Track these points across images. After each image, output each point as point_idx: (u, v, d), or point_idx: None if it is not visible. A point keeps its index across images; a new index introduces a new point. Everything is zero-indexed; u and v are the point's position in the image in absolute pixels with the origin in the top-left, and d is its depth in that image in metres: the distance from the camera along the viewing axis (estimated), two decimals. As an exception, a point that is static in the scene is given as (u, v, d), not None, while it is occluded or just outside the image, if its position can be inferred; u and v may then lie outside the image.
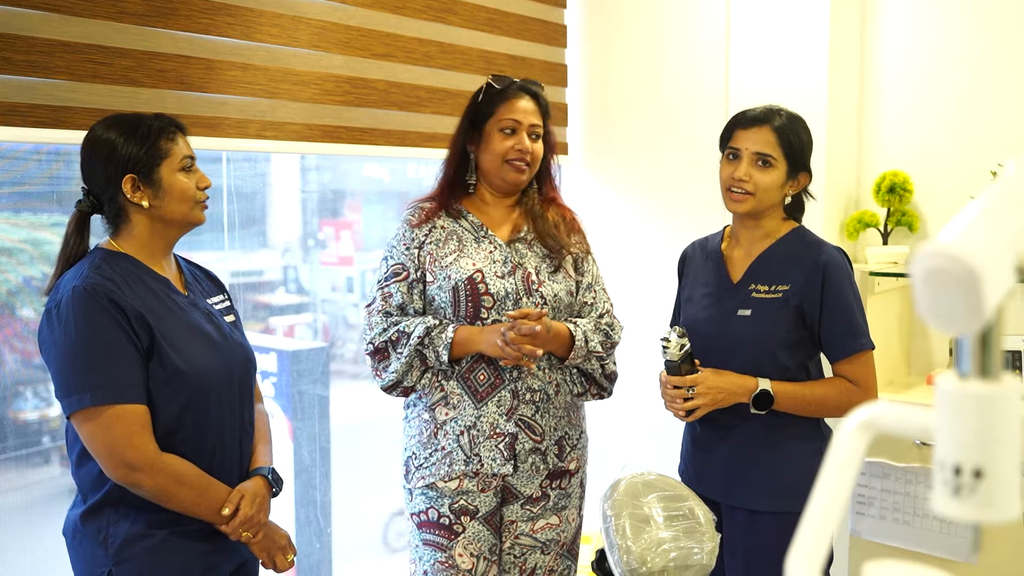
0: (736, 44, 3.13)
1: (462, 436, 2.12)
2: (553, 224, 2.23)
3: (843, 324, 2.06)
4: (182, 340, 1.72)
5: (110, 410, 1.60)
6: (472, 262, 2.14)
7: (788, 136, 2.09)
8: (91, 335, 1.61)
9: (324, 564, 3.42)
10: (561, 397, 2.19)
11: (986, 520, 0.61)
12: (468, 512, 2.14)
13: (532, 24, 3.38)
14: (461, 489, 2.13)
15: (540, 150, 2.21)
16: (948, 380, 0.62)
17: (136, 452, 1.61)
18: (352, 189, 4.19)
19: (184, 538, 1.73)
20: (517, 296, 2.13)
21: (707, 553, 1.74)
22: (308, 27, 2.60)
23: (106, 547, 1.67)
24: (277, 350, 3.39)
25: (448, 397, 2.14)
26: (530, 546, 2.20)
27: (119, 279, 1.67)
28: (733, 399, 2.10)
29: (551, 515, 2.21)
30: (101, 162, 1.70)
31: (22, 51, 2.01)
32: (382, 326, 2.13)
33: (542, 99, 2.23)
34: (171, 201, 1.74)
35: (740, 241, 2.22)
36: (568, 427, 2.22)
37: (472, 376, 2.13)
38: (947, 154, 2.98)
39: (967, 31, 2.93)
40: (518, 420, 2.12)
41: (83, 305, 1.61)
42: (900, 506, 2.70)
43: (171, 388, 1.69)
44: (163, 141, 1.72)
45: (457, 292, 2.12)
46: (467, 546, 2.14)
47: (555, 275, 2.19)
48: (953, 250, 0.56)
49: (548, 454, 2.17)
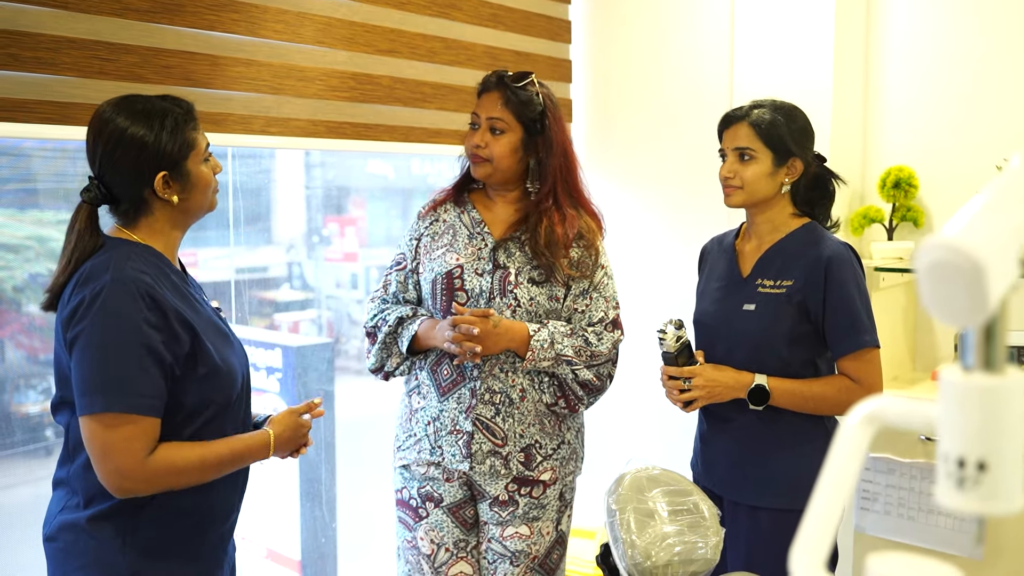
0: (741, 40, 3.13)
1: (429, 426, 2.17)
2: (544, 239, 2.11)
3: (846, 320, 2.06)
4: (213, 338, 1.69)
5: (123, 418, 1.54)
6: (456, 257, 2.16)
7: (765, 126, 2.09)
8: (124, 337, 1.54)
9: (329, 559, 3.43)
10: (529, 403, 2.14)
11: (990, 513, 0.61)
12: (432, 499, 2.18)
13: (537, 20, 3.37)
14: (428, 475, 2.18)
15: (501, 146, 2.12)
16: (952, 373, 0.62)
17: (127, 459, 1.54)
18: (356, 185, 4.20)
19: (201, 546, 1.72)
20: (490, 295, 2.12)
21: (711, 548, 1.74)
22: (312, 23, 2.60)
23: (124, 553, 1.61)
24: (282, 346, 3.39)
25: (420, 386, 2.20)
26: (500, 554, 2.18)
27: (152, 273, 1.61)
28: (730, 394, 2.10)
29: (520, 524, 2.16)
30: (132, 156, 1.61)
31: (29, 47, 2.01)
32: (374, 312, 2.23)
33: (513, 92, 2.12)
34: (197, 194, 1.69)
35: (751, 236, 2.23)
36: (540, 435, 2.15)
37: (438, 369, 2.16)
38: (952, 149, 2.97)
39: (972, 26, 2.93)
40: (476, 419, 2.12)
41: (122, 301, 1.54)
42: (905, 502, 2.70)
43: (209, 386, 1.66)
44: (188, 131, 1.66)
45: (435, 285, 2.16)
46: (428, 532, 2.18)
47: (539, 279, 2.14)
48: (957, 243, 0.57)
49: (511, 460, 2.13)
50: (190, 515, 1.69)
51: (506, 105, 2.12)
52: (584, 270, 2.16)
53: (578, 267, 2.16)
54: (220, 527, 1.77)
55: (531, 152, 2.16)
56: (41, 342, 2.61)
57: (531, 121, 2.13)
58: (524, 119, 2.13)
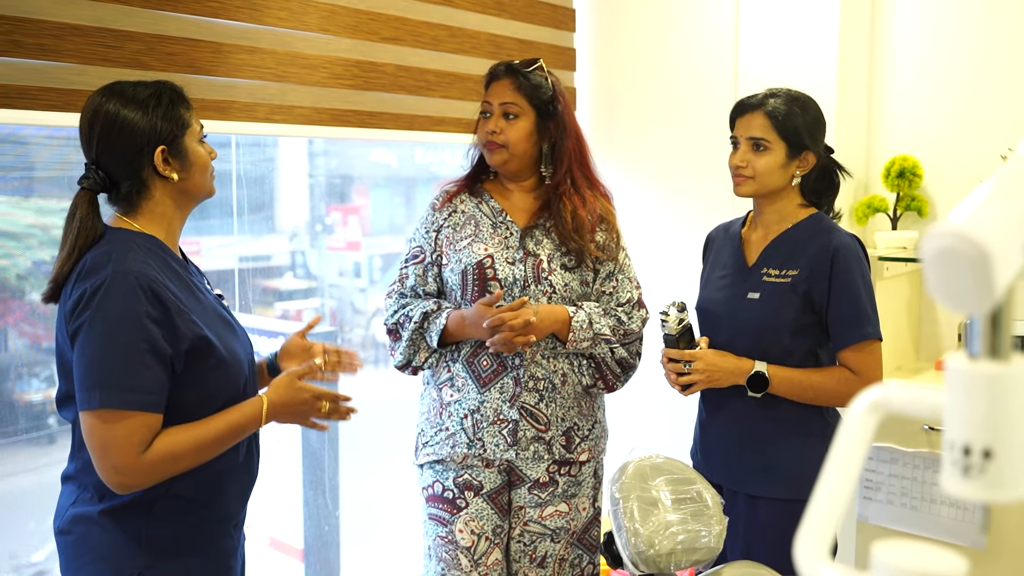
0: (746, 28, 3.12)
1: (466, 419, 2.14)
2: (572, 226, 2.15)
3: (849, 311, 2.05)
4: (218, 328, 1.68)
5: (122, 414, 1.53)
6: (484, 247, 2.15)
7: (781, 118, 2.08)
8: (125, 332, 1.53)
9: (332, 547, 3.44)
10: (569, 387, 2.17)
11: (996, 500, 0.61)
12: (472, 487, 2.15)
13: (541, 8, 3.36)
14: (466, 464, 2.16)
15: (516, 131, 2.14)
16: (958, 360, 0.62)
17: (124, 456, 1.53)
18: (359, 174, 4.19)
19: (215, 536, 1.71)
20: (525, 283, 2.13)
21: (715, 536, 1.75)
22: (317, 11, 2.60)
23: (140, 545, 1.60)
24: (286, 335, 3.39)
25: (454, 379, 2.16)
26: (539, 533, 2.19)
27: (154, 264, 1.60)
28: (730, 379, 2.10)
29: (560, 502, 2.19)
30: (127, 136, 1.60)
31: (32, 34, 2.01)
32: (394, 308, 2.20)
33: (525, 77, 2.15)
34: (196, 172, 1.68)
35: (758, 225, 2.22)
36: (578, 417, 2.19)
37: (476, 361, 2.14)
38: (957, 139, 2.97)
39: (977, 16, 2.92)
40: (520, 407, 2.12)
41: (124, 296, 1.53)
42: (908, 491, 2.70)
43: (217, 378, 1.65)
44: (182, 110, 1.66)
45: (466, 276, 2.13)
46: (468, 523, 2.15)
47: (571, 265, 2.17)
48: (964, 230, 0.56)
49: (554, 444, 2.16)
50: (203, 508, 1.68)
51: (518, 90, 2.14)
52: (610, 253, 2.21)
53: (604, 250, 2.20)
54: (233, 519, 1.76)
55: (544, 136, 2.18)
56: (44, 330, 2.61)
57: (544, 104, 2.16)
58: (536, 103, 2.15)
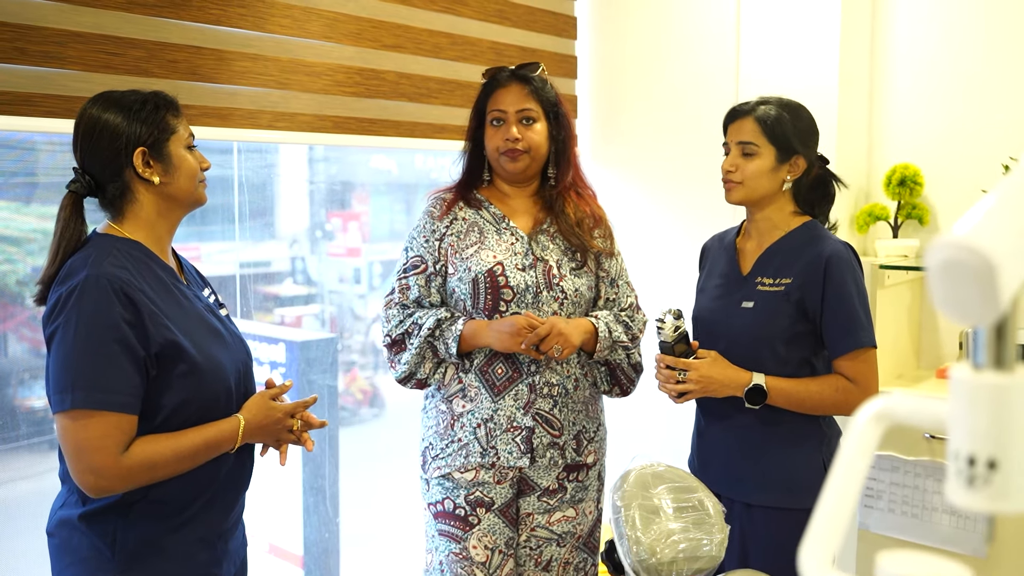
0: (747, 36, 3.12)
1: (479, 428, 2.12)
2: (575, 221, 2.19)
3: (844, 320, 2.05)
4: (197, 335, 1.67)
5: (95, 415, 1.52)
6: (493, 254, 2.14)
7: (770, 122, 2.09)
8: (98, 334, 1.53)
9: (332, 553, 3.44)
10: (580, 392, 2.18)
11: (1000, 511, 0.61)
12: (484, 504, 2.14)
13: (542, 15, 3.37)
14: (477, 480, 2.13)
15: (537, 135, 2.16)
16: (963, 371, 0.62)
17: (101, 457, 1.52)
18: (360, 180, 4.20)
19: (193, 545, 1.69)
20: (537, 289, 2.12)
21: (716, 545, 1.75)
22: (319, 18, 2.60)
23: (113, 550, 1.60)
24: (286, 340, 3.39)
25: (466, 389, 2.14)
26: (546, 538, 2.19)
27: (132, 268, 1.60)
28: (726, 391, 2.10)
29: (568, 508, 2.20)
30: (107, 138, 1.62)
31: (35, 41, 2.01)
32: (398, 318, 2.16)
33: (535, 81, 2.17)
34: (180, 177, 1.68)
35: (752, 234, 2.22)
36: (586, 420, 2.21)
37: (490, 370, 2.13)
38: (958, 147, 2.97)
39: (978, 25, 2.92)
40: (535, 414, 2.12)
41: (97, 298, 1.53)
42: (909, 499, 2.70)
43: (189, 384, 1.63)
44: (169, 116, 1.67)
45: (477, 284, 2.11)
46: (481, 539, 2.14)
47: (577, 269, 2.18)
48: (969, 242, 0.56)
49: (566, 448, 2.16)
50: (179, 516, 1.66)
51: (532, 95, 2.16)
52: (608, 249, 2.25)
53: (604, 247, 2.24)
54: (218, 525, 1.74)
55: (552, 139, 2.21)
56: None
57: (552, 106, 2.19)
58: (547, 106, 2.18)
